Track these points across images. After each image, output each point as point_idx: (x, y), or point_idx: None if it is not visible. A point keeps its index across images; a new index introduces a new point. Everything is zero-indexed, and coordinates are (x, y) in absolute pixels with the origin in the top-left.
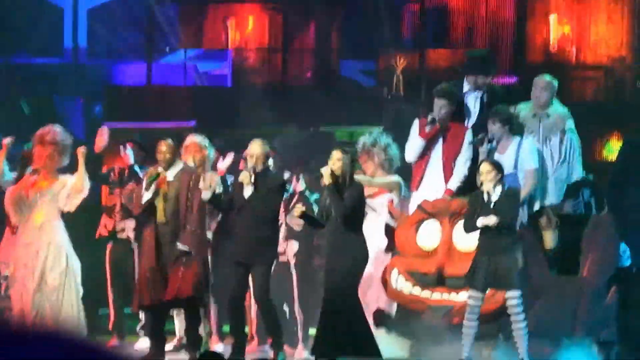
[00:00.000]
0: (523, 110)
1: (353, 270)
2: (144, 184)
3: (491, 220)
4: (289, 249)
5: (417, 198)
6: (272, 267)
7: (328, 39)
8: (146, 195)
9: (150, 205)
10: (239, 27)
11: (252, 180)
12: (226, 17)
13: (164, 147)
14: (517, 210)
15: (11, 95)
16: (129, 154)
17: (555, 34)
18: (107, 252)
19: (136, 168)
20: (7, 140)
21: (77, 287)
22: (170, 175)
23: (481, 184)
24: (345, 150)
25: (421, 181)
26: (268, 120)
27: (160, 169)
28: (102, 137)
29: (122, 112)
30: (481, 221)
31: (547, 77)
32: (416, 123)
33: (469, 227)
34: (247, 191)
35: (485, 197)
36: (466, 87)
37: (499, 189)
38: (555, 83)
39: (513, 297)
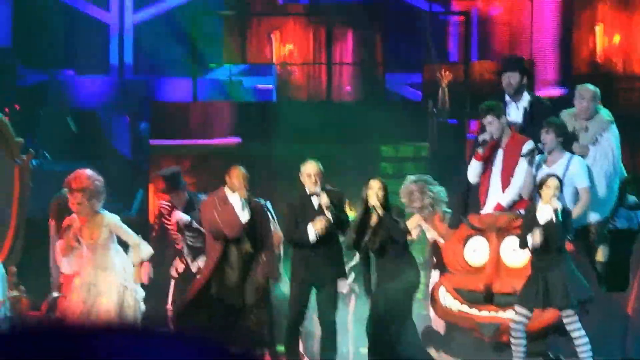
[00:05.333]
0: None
1: (410, 291)
2: (238, 203)
3: (537, 238)
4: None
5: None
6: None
7: (373, 52)
8: (244, 216)
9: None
10: (283, 41)
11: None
12: (270, 31)
13: (240, 173)
14: (570, 229)
15: (57, 112)
16: (181, 217)
17: (601, 45)
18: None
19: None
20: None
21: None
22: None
23: (538, 197)
24: (380, 179)
25: (487, 195)
26: (313, 135)
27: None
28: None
29: (168, 128)
30: (530, 242)
31: (589, 86)
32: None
33: (523, 244)
34: (328, 213)
35: (549, 214)
36: (507, 97)
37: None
38: (596, 91)
39: (566, 316)
